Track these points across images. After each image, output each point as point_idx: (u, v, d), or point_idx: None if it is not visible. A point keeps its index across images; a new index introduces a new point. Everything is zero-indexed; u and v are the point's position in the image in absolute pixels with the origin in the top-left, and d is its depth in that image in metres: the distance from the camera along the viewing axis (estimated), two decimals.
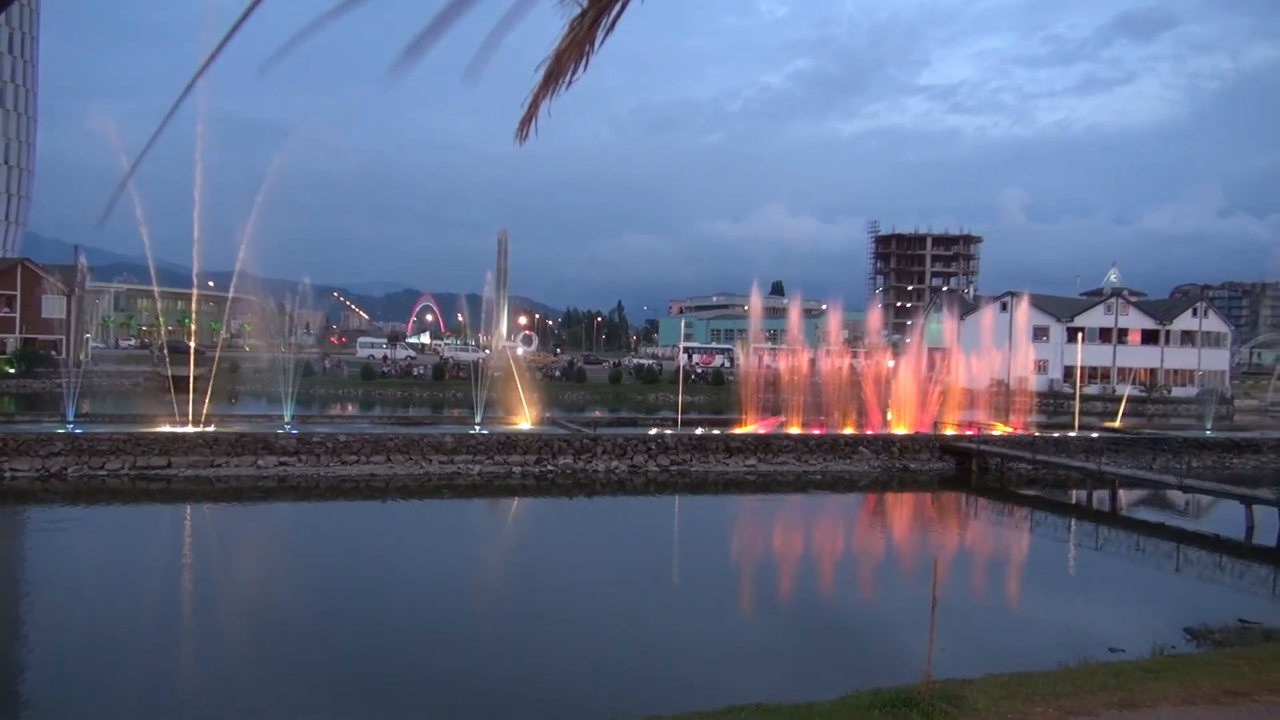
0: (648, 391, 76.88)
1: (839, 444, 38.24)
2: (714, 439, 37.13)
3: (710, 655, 15.90)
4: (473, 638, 16.38)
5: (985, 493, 36.36)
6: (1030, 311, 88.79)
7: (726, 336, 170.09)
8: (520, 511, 30.86)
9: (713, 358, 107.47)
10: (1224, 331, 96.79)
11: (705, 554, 24.27)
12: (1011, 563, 25.43)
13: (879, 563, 24.69)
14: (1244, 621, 17.15)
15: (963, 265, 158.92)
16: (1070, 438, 42.98)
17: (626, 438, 36.11)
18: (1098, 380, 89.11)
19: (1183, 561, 25.03)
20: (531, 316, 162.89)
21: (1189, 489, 30.99)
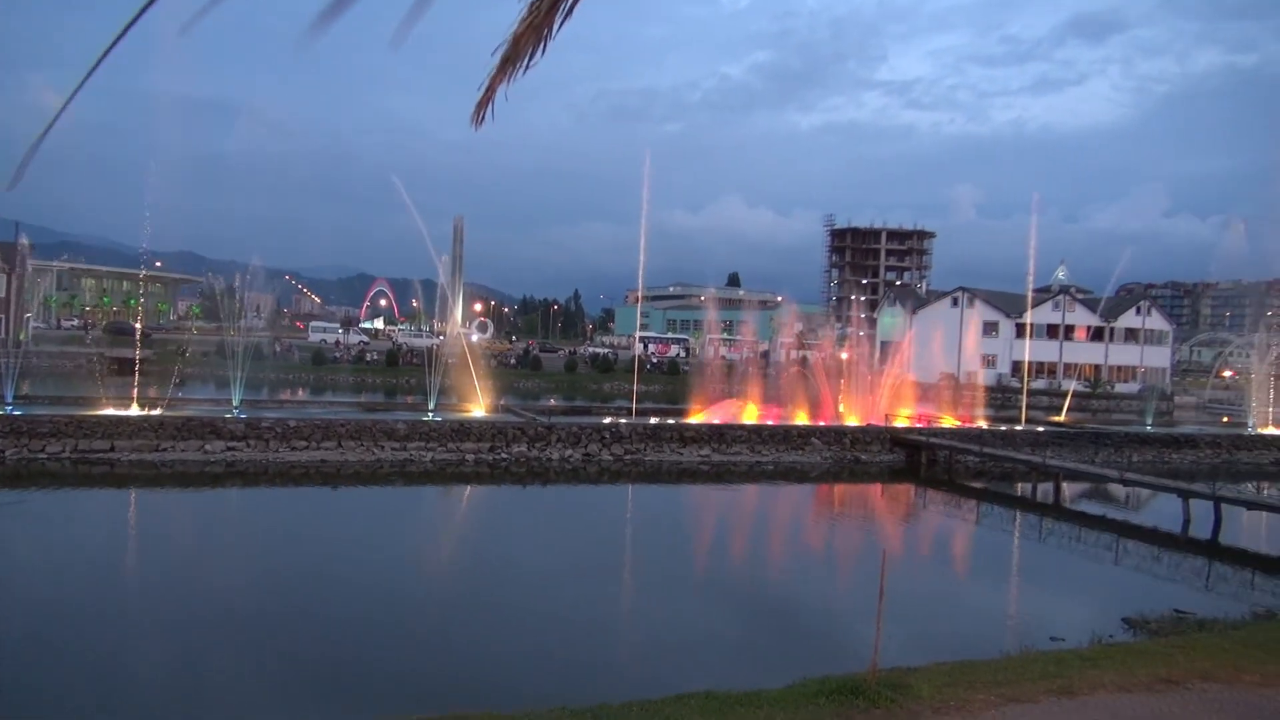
0: (603, 380, 76.81)
1: (791, 435, 38.56)
2: (668, 428, 37.23)
3: (661, 643, 15.96)
4: (422, 625, 16.27)
5: (934, 484, 36.92)
6: (980, 307, 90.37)
7: (683, 327, 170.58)
8: (473, 499, 30.70)
9: (668, 347, 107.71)
10: (1166, 330, 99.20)
11: (658, 543, 24.35)
12: (958, 553, 25.87)
13: (829, 553, 24.97)
14: (1179, 612, 17.64)
15: (916, 260, 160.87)
16: (1017, 431, 43.80)
17: (581, 426, 36.07)
18: (1044, 376, 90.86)
19: (1122, 553, 25.66)
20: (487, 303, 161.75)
21: (1129, 483, 31.76)
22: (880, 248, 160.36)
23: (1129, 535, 27.92)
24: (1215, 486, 28.47)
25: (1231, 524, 27.97)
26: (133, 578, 18.86)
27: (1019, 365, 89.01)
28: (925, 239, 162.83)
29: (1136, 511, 33.61)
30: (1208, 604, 19.26)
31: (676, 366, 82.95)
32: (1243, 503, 28.04)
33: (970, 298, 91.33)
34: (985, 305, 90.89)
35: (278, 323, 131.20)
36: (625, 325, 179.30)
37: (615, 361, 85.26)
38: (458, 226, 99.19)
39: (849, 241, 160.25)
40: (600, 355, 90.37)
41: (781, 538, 26.52)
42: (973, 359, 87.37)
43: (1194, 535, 27.50)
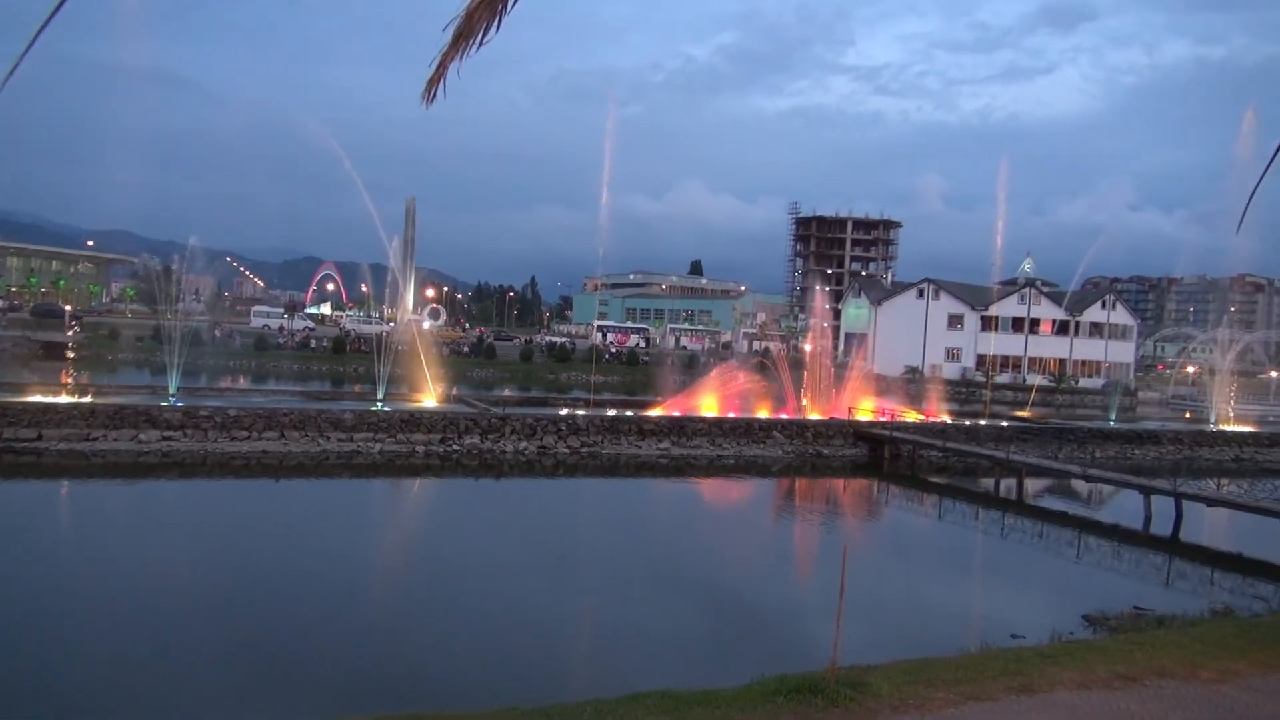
0: (560, 370, 76.68)
1: (753, 428, 38.82)
2: (627, 421, 37.29)
3: (617, 641, 16.02)
4: (371, 622, 16.17)
5: (896, 479, 37.41)
6: (946, 299, 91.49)
7: (643, 315, 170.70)
8: (423, 492, 30.52)
9: (628, 337, 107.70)
10: (1130, 325, 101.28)
11: (615, 538, 24.40)
12: (920, 549, 26.26)
13: (790, 549, 25.21)
14: (1138, 609, 18.08)
15: (882, 250, 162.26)
16: (981, 426, 44.52)
17: (536, 418, 36.00)
18: (1009, 370, 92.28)
19: (1083, 549, 26.22)
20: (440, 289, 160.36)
21: (1092, 478, 32.45)
22: (846, 237, 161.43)
23: (1090, 531, 28.53)
24: (1176, 483, 29.19)
25: (1192, 521, 28.70)
26: (60, 575, 18.48)
27: (984, 359, 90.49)
28: (891, 229, 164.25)
29: (1098, 508, 34.34)
30: (1167, 601, 19.77)
31: (636, 357, 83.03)
32: (1203, 499, 28.77)
33: (936, 289, 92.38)
34: (951, 297, 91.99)
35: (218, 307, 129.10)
36: (583, 313, 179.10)
37: (573, 351, 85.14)
38: (409, 208, 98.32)
39: (814, 230, 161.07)
40: (557, 344, 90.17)
41: (741, 533, 26.72)
42: (937, 352, 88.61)
43: (1155, 532, 28.18)
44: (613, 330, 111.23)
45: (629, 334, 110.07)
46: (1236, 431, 50.54)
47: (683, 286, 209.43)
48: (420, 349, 43.51)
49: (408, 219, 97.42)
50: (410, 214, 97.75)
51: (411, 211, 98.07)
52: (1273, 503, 26.76)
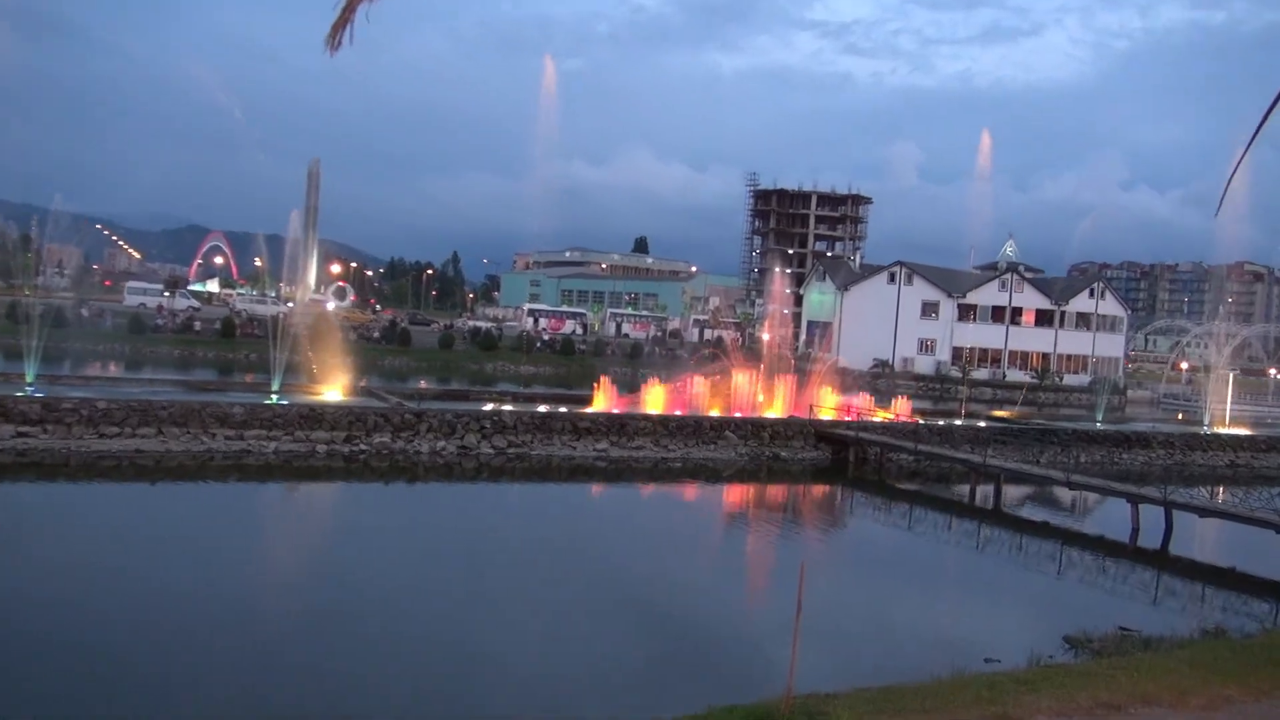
0: (485, 360, 76.31)
1: (703, 427, 39.05)
2: (560, 418, 37.25)
3: (549, 668, 16.01)
4: (261, 645, 15.94)
5: (862, 486, 37.91)
6: (920, 285, 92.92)
7: (580, 299, 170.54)
8: (324, 498, 30.16)
9: (563, 322, 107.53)
10: (1120, 315, 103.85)
11: (545, 551, 24.37)
12: (887, 564, 26.66)
13: (742, 563, 25.43)
14: (1124, 629, 18.57)
15: (850, 229, 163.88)
16: (956, 427, 45.32)
17: (457, 413, 35.79)
18: (989, 364, 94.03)
19: (1065, 564, 26.86)
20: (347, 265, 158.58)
21: (1076, 486, 33.25)
22: (810, 213, 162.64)
23: (1074, 544, 29.24)
24: (1167, 491, 29.99)
25: (1183, 532, 29.56)
26: None
27: (961, 352, 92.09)
28: (861, 205, 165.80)
29: (1083, 517, 35.17)
30: (1155, 620, 20.34)
31: (572, 345, 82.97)
32: (1195, 509, 29.65)
33: (909, 274, 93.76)
34: (925, 283, 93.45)
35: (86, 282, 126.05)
36: (512, 295, 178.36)
37: (500, 338, 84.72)
38: (313, 172, 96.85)
39: (774, 205, 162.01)
40: (482, 330, 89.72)
41: (689, 546, 26.86)
42: (910, 344, 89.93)
43: (1143, 544, 28.96)
44: (546, 315, 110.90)
45: (564, 319, 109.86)
46: (1232, 435, 52.18)
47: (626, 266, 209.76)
48: (323, 334, 42.98)
49: (311, 184, 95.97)
50: (314, 178, 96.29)
51: (315, 176, 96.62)
52: (1269, 513, 27.63)
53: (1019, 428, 47.82)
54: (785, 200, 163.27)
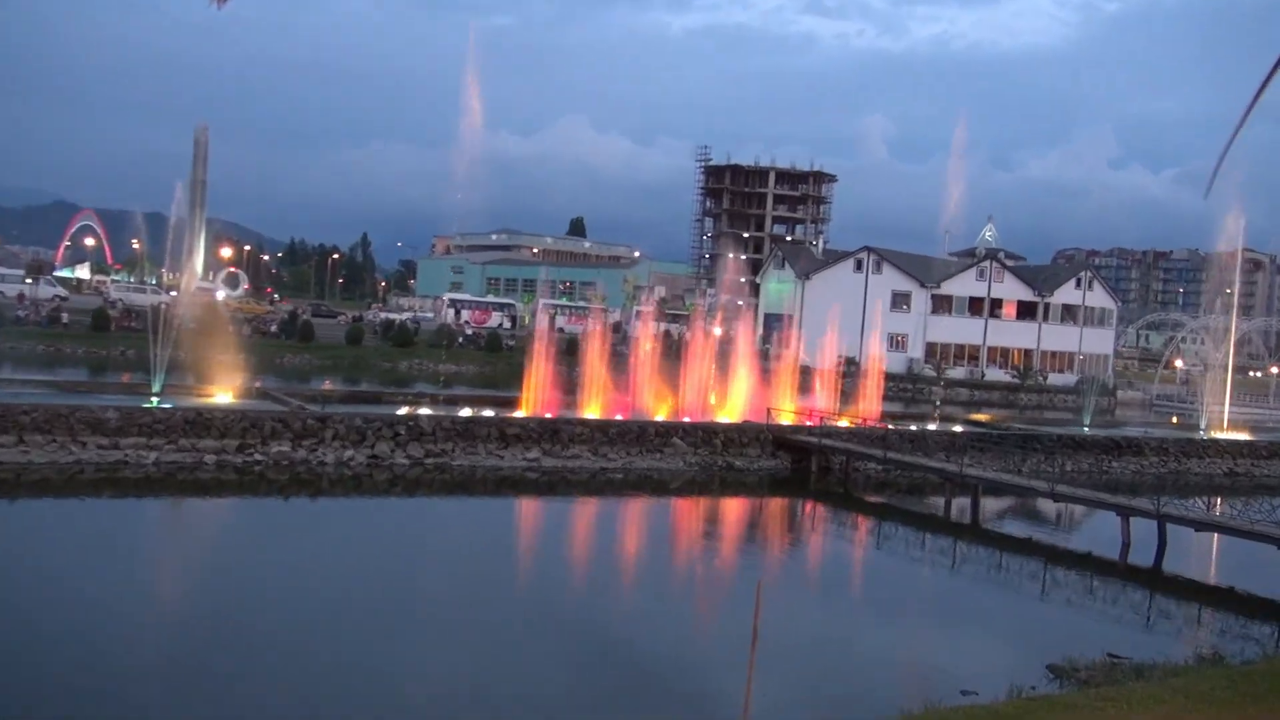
0: (399, 357, 75.71)
1: (647, 434, 39.11)
2: (485, 423, 37.08)
3: (477, 703, 15.95)
4: (143, 679, 15.71)
5: (826, 498, 38.22)
6: (890, 273, 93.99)
7: (509, 287, 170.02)
8: (214, 515, 29.73)
9: (488, 314, 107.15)
10: (1110, 308, 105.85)
11: (469, 574, 24.26)
12: (853, 586, 26.93)
13: (691, 585, 25.50)
14: (1113, 657, 18.95)
15: (812, 210, 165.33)
16: (929, 433, 45.88)
17: (367, 418, 35.48)
18: (965, 361, 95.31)
19: (1050, 584, 27.33)
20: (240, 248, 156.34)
21: (1061, 497, 33.82)
22: (767, 192, 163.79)
23: (1059, 562, 29.76)
24: (1160, 503, 30.62)
25: (1178, 548, 30.20)
26: None
27: (935, 348, 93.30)
28: (824, 183, 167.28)
29: (1069, 532, 35.79)
30: (1147, 645, 20.76)
31: (499, 340, 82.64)
32: (1190, 522, 30.30)
33: (878, 261, 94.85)
34: (896, 271, 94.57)
35: None
36: (431, 284, 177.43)
37: (416, 332, 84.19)
38: (200, 140, 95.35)
39: (728, 183, 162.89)
40: (396, 323, 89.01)
41: (631, 566, 26.90)
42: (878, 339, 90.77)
43: (1134, 561, 29.56)
44: (469, 306, 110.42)
45: (490, 311, 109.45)
46: (1230, 440, 53.41)
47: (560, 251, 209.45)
48: (212, 327, 42.41)
49: (198, 155, 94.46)
50: (201, 148, 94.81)
51: (202, 145, 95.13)
52: (1269, 526, 28.25)
53: (999, 433, 48.53)
54: (740, 177, 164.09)
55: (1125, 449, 48.23)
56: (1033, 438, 47.59)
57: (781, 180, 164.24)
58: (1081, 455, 46.44)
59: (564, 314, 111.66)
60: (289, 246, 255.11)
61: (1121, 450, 48.04)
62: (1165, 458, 48.54)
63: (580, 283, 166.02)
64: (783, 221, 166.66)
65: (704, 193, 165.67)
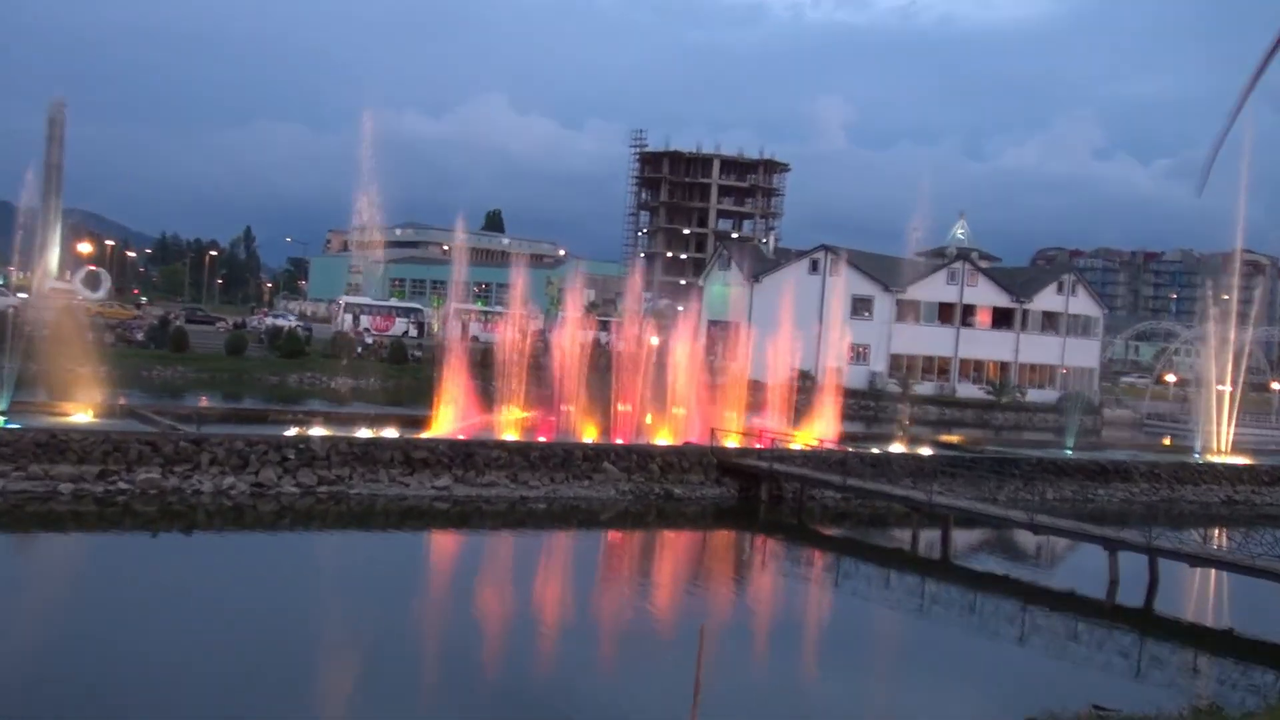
0: (288, 370, 74.93)
1: (574, 458, 39.02)
2: (388, 445, 36.82)
3: None
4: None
5: (777, 531, 38.38)
6: (850, 275, 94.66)
7: (415, 290, 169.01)
8: (68, 553, 29.21)
9: (392, 320, 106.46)
10: (1095, 315, 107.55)
11: (367, 623, 24.05)
12: (807, 630, 27.04)
13: (625, 630, 25.45)
14: (1099, 709, 19.19)
15: (762, 203, 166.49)
16: (895, 456, 46.24)
17: (250, 441, 35.07)
18: (934, 375, 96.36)
19: (1029, 627, 27.66)
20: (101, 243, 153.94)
21: (1041, 529, 34.25)
22: (712, 182, 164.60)
23: (1039, 602, 30.12)
24: (1151, 535, 31.10)
25: (1171, 585, 30.76)
26: None
27: (900, 360, 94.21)
28: (776, 173, 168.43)
29: (1050, 569, 36.27)
30: (1137, 696, 21.07)
31: (404, 350, 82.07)
32: (1185, 556, 30.83)
33: (836, 261, 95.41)
34: (857, 273, 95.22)
35: None
36: (325, 285, 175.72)
37: (308, 341, 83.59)
38: (54, 119, 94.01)
39: (666, 172, 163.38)
40: (284, 331, 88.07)
41: (555, 611, 26.81)
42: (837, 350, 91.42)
43: (1123, 601, 30.01)
44: (369, 311, 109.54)
45: (393, 317, 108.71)
46: (1229, 464, 54.46)
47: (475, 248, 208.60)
48: (69, 334, 41.72)
49: (52, 136, 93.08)
50: (56, 128, 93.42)
51: (58, 124, 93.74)
52: (1273, 561, 28.73)
53: (972, 457, 49.02)
54: (680, 166, 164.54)
55: (1113, 474, 48.92)
56: (1010, 462, 48.12)
57: (727, 169, 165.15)
58: (1064, 482, 47.04)
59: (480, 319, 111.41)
60: (159, 241, 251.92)
61: (1108, 476, 48.72)
62: (1157, 484, 49.31)
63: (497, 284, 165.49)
64: (729, 216, 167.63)
65: (639, 183, 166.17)
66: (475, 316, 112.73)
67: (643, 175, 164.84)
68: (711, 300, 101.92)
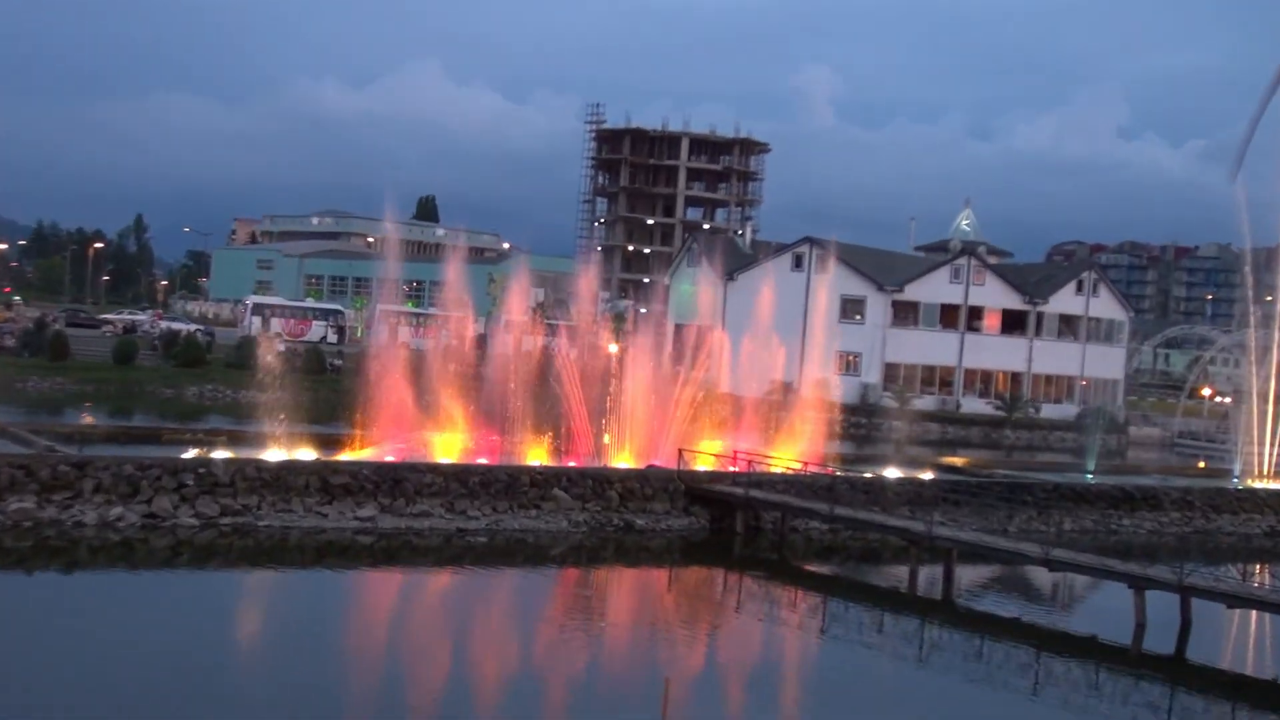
0: (186, 381, 74.55)
1: (520, 484, 38.95)
2: (303, 470, 36.66)
3: None
4: None
5: (755, 567, 38.39)
6: (839, 272, 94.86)
7: (335, 288, 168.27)
8: None
9: (308, 324, 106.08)
10: (1120, 319, 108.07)
11: (278, 676, 23.97)
12: (788, 683, 27.06)
13: (577, 685, 25.44)
14: None
15: (737, 189, 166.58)
16: (889, 481, 46.35)
17: (142, 464, 34.87)
18: (935, 388, 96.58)
19: (1044, 677, 27.77)
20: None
21: (1057, 565, 34.39)
22: (679, 165, 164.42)
23: (1055, 649, 30.27)
24: (1184, 571, 31.30)
25: (1205, 629, 30.97)
26: None
27: (897, 370, 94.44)
28: (753, 154, 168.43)
29: (1068, 610, 36.47)
30: None
31: (322, 358, 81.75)
32: (1222, 596, 31.02)
33: (823, 256, 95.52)
34: (847, 270, 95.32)
35: None
36: (229, 283, 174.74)
37: (210, 347, 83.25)
38: None
39: (628, 152, 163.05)
40: (182, 335, 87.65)
41: (499, 661, 26.76)
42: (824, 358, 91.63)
43: (1151, 647, 30.24)
44: (281, 313, 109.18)
45: (309, 319, 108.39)
46: (1272, 490, 54.83)
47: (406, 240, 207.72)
48: None
49: None
50: None
51: None
52: None
53: (978, 481, 49.22)
54: (644, 145, 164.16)
55: (1139, 502, 49.19)
56: (1022, 487, 48.32)
57: (698, 150, 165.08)
58: (1084, 510, 47.30)
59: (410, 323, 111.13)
60: (35, 232, 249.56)
61: (1135, 504, 48.99)
62: (1190, 513, 49.62)
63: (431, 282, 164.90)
64: (699, 204, 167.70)
65: (596, 165, 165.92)
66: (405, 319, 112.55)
67: (600, 156, 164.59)
68: (679, 301, 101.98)
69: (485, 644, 28.46)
